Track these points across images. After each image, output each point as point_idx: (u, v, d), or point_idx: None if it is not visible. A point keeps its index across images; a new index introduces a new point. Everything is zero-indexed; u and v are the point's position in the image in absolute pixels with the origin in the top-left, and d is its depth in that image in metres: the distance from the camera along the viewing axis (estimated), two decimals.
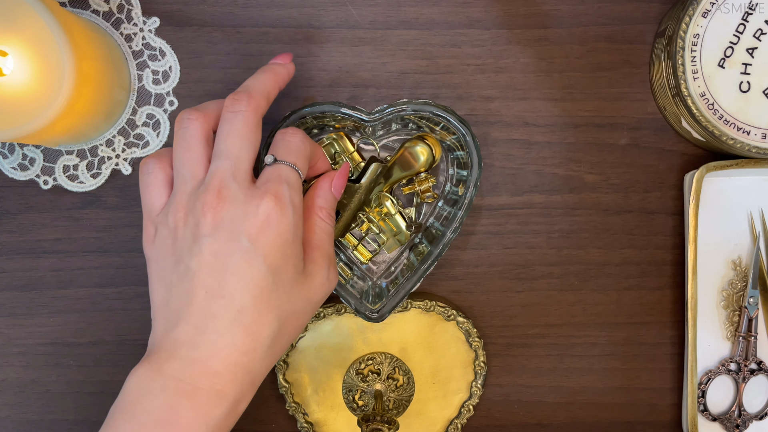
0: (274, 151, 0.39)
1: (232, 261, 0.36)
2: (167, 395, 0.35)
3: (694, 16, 0.43)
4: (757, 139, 0.44)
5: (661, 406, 0.50)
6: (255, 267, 0.36)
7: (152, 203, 0.39)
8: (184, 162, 0.39)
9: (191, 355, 0.36)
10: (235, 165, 0.37)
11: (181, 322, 0.36)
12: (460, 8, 0.48)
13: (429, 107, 0.43)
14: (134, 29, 0.48)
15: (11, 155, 0.48)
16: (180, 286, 0.37)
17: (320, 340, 0.48)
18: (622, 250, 0.49)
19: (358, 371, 0.49)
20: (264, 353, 0.37)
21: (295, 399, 0.49)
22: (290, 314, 0.38)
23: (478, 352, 0.48)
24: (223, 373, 0.36)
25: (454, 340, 0.48)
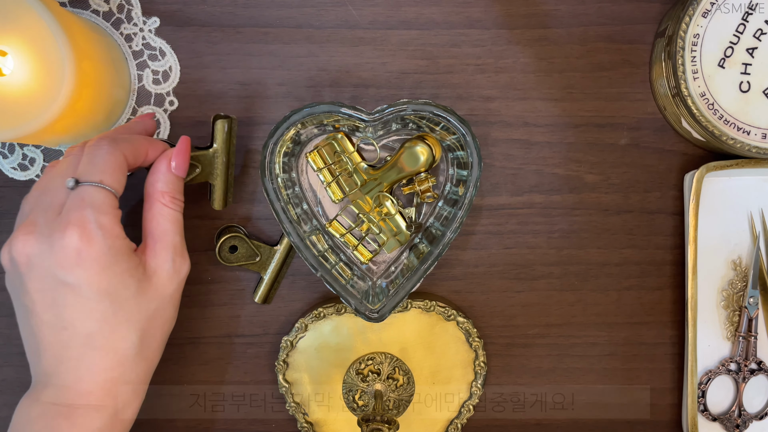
0: (76, 172, 0.37)
1: (58, 295, 0.36)
2: (46, 419, 0.36)
3: (694, 16, 0.43)
4: (757, 139, 0.44)
5: (661, 406, 0.50)
6: (83, 296, 0.36)
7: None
8: (26, 200, 0.39)
9: (59, 382, 0.37)
10: (48, 200, 0.37)
11: (42, 356, 0.37)
12: (460, 8, 0.48)
13: (429, 107, 0.43)
14: (134, 29, 0.48)
15: (11, 155, 0.48)
16: (27, 323, 0.38)
17: (320, 340, 0.48)
18: (622, 250, 0.49)
19: (358, 371, 0.48)
20: (133, 361, 0.38)
21: (295, 399, 0.49)
22: (146, 319, 0.38)
23: (478, 352, 0.48)
24: (95, 391, 0.37)
25: (454, 340, 0.48)
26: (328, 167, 0.46)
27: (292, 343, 0.48)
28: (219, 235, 0.48)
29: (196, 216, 0.48)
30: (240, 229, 0.48)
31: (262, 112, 0.48)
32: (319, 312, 0.48)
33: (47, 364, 0.37)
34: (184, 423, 0.50)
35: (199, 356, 0.49)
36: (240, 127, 0.48)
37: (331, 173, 0.46)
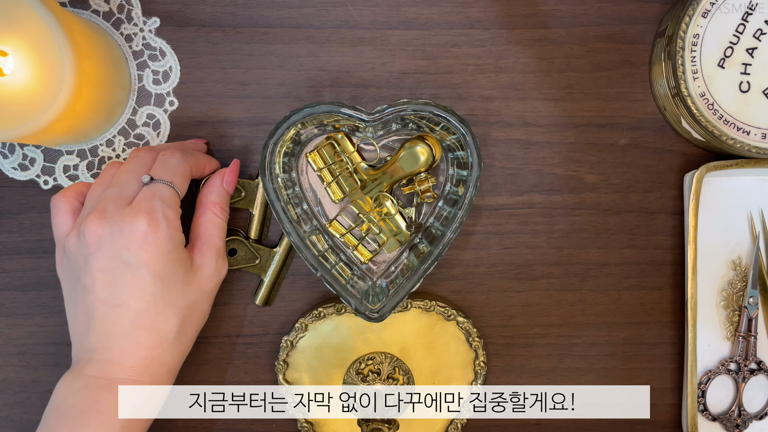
0: (153, 172, 0.43)
1: (118, 274, 0.40)
2: (88, 390, 0.40)
3: (694, 17, 0.43)
4: (757, 139, 0.44)
5: (661, 406, 0.50)
6: (141, 276, 0.41)
7: (59, 229, 0.43)
8: (91, 194, 0.43)
9: (105, 357, 0.41)
10: (119, 192, 0.42)
11: (90, 333, 0.41)
12: (460, 8, 0.48)
13: (429, 107, 0.43)
14: (134, 29, 0.48)
15: (11, 155, 0.48)
16: (82, 302, 0.41)
17: (320, 340, 0.48)
18: (621, 250, 0.49)
19: (358, 371, 0.48)
20: (171, 344, 0.42)
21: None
22: (187, 307, 0.42)
23: (478, 352, 0.48)
24: (135, 367, 0.41)
25: (454, 340, 0.48)
26: (328, 167, 0.46)
27: (292, 342, 0.48)
28: None
29: None
30: (239, 232, 0.48)
31: (262, 112, 0.48)
32: (319, 312, 0.48)
33: (95, 339, 0.41)
34: (185, 423, 0.50)
35: (199, 356, 0.49)
36: (240, 127, 0.48)
37: (331, 173, 0.46)
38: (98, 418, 0.39)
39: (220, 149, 0.48)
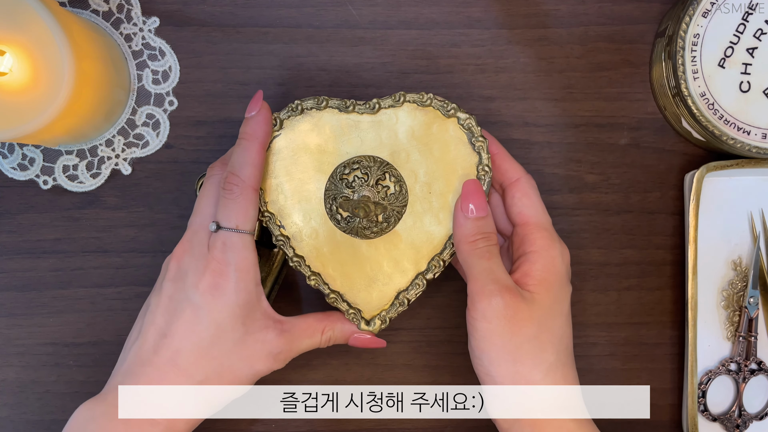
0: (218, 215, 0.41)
1: (180, 308, 0.40)
2: (106, 420, 0.39)
3: (695, 16, 0.43)
4: (758, 139, 0.44)
5: (662, 406, 0.50)
6: (200, 319, 0.40)
7: (197, 215, 0.42)
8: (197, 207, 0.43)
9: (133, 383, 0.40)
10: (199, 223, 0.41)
11: (131, 351, 0.41)
12: (460, 8, 0.48)
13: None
14: (134, 29, 0.47)
15: (11, 155, 0.48)
16: (142, 318, 0.42)
17: (298, 141, 0.43)
18: (622, 250, 0.49)
19: (342, 176, 0.43)
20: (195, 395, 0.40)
21: (269, 209, 0.43)
22: (227, 368, 0.41)
23: (482, 155, 0.42)
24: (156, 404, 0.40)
25: (453, 141, 0.43)
26: None
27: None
28: None
29: None
30: None
31: None
32: (296, 105, 0.43)
33: (132, 361, 0.41)
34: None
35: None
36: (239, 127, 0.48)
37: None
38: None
39: (219, 149, 0.48)
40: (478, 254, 0.40)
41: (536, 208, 0.42)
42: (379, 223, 0.43)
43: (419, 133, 0.43)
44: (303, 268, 0.44)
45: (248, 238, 0.41)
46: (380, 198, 0.43)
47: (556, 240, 0.42)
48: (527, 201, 0.42)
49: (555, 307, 0.41)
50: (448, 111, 0.42)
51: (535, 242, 0.41)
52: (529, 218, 0.42)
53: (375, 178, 0.43)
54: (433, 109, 0.43)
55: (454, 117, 0.42)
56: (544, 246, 0.41)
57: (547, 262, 0.41)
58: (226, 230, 0.40)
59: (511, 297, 0.39)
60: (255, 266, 0.41)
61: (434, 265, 0.43)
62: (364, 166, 0.43)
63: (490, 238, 0.41)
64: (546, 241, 0.41)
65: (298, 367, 0.49)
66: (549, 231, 0.42)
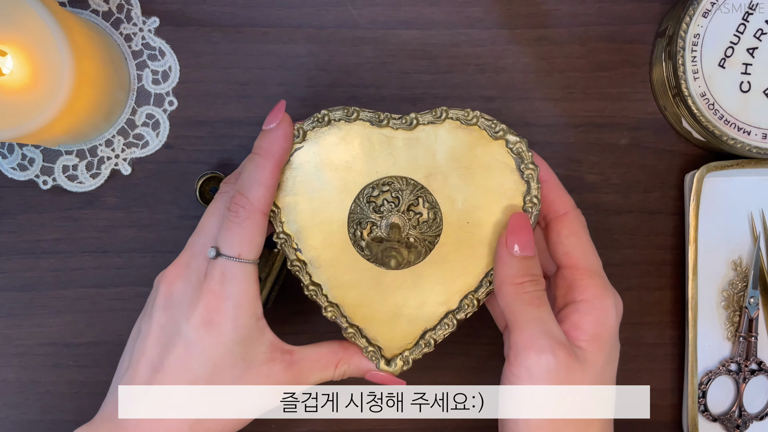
0: (219, 239, 0.37)
1: (172, 342, 0.37)
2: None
3: (695, 16, 0.43)
4: (758, 139, 0.44)
5: (662, 406, 0.50)
6: (193, 357, 0.37)
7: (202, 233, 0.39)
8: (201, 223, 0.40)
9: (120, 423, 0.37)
10: (202, 244, 0.38)
11: (123, 381, 0.38)
12: (460, 8, 0.48)
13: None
14: (134, 29, 0.47)
15: (10, 155, 0.48)
16: (135, 342, 0.39)
17: (322, 155, 0.38)
18: (622, 251, 0.49)
19: (369, 199, 0.39)
20: (190, 428, 0.37)
21: (285, 229, 0.39)
22: (227, 406, 0.37)
23: (531, 184, 0.38)
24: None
25: (499, 167, 0.38)
26: None
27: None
28: None
29: (195, 216, 0.48)
30: None
31: (262, 112, 0.48)
32: (323, 116, 0.38)
33: (124, 393, 0.38)
34: None
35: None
36: (240, 127, 0.48)
37: None
38: None
39: (219, 149, 0.48)
40: (527, 299, 0.35)
41: (586, 250, 0.38)
42: (410, 253, 0.39)
43: (460, 154, 0.38)
44: (319, 297, 0.40)
45: (251, 268, 0.37)
46: (411, 225, 0.39)
47: (609, 289, 0.37)
48: (576, 240, 0.38)
49: (607, 369, 0.36)
50: (496, 132, 0.38)
51: (587, 290, 0.37)
52: (579, 261, 0.38)
53: (407, 203, 0.38)
54: (479, 129, 0.38)
55: (502, 139, 0.38)
56: (597, 295, 0.37)
57: (600, 315, 0.36)
58: (227, 258, 0.36)
59: (565, 355, 0.34)
60: (256, 299, 0.37)
61: (467, 304, 0.39)
62: (395, 188, 0.38)
63: (538, 282, 0.36)
64: (599, 289, 0.37)
65: None
66: (602, 278, 0.38)
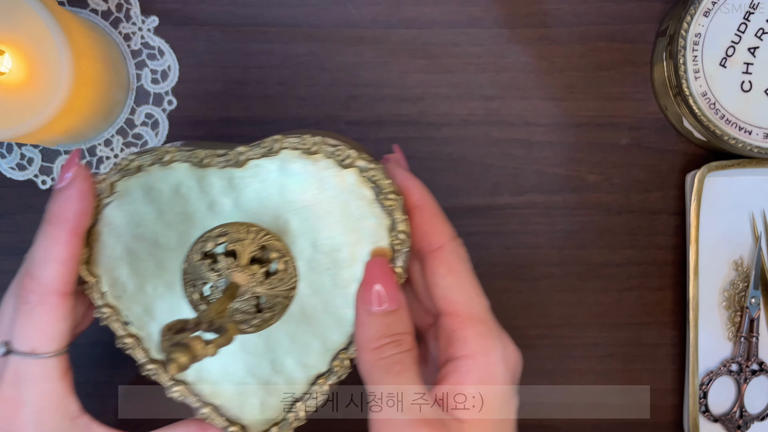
0: (11, 330, 0.30)
1: None
2: None
3: (696, 16, 0.43)
4: (759, 139, 0.44)
5: (663, 407, 0.50)
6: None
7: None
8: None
9: None
10: (2, 349, 0.31)
11: None
12: (461, 7, 0.48)
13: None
14: (133, 28, 0.47)
15: (9, 155, 0.48)
16: None
17: (137, 208, 0.32)
18: (623, 251, 0.49)
19: (205, 254, 0.31)
20: None
21: (109, 301, 0.32)
22: None
23: (395, 217, 0.30)
24: None
25: (356, 201, 0.31)
26: None
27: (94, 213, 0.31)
28: None
29: None
30: None
31: (262, 112, 0.48)
32: (129, 163, 0.31)
33: None
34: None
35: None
36: (239, 127, 0.48)
37: None
38: None
39: None
40: (385, 367, 0.29)
41: (466, 290, 0.31)
42: (260, 314, 0.31)
43: (308, 189, 0.31)
44: (161, 376, 0.33)
45: (53, 362, 0.30)
46: (257, 282, 0.31)
47: (495, 339, 0.31)
48: (453, 280, 0.31)
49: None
50: (344, 161, 0.30)
51: (468, 343, 0.30)
52: (458, 306, 0.31)
53: (248, 255, 0.31)
54: (324, 158, 0.30)
55: (354, 168, 0.30)
56: (481, 349, 0.30)
57: (484, 374, 0.30)
58: (20, 356, 0.30)
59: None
60: (67, 396, 0.31)
61: (337, 366, 0.33)
62: (232, 238, 0.31)
63: (401, 343, 0.29)
64: (482, 340, 0.30)
65: None
66: (486, 324, 0.31)
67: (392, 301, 0.29)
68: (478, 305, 0.31)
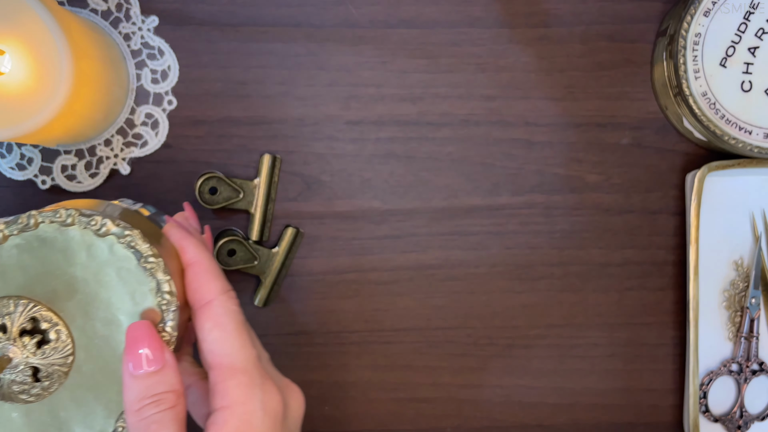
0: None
1: None
2: None
3: (696, 15, 0.43)
4: (759, 139, 0.44)
5: (663, 407, 0.50)
6: None
7: None
8: None
9: None
10: None
11: None
12: (461, 7, 0.48)
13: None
14: (133, 28, 0.47)
15: (9, 155, 0.48)
16: None
17: None
18: (623, 251, 0.49)
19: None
20: None
21: None
22: None
23: (159, 278, 0.32)
24: None
25: (117, 266, 0.32)
26: None
27: None
28: (217, 238, 0.48)
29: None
30: (238, 232, 0.48)
31: (262, 112, 0.48)
32: None
33: None
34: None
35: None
36: (239, 127, 0.48)
37: None
38: None
39: (219, 149, 0.48)
40: (143, 428, 0.30)
41: (231, 343, 0.32)
42: (38, 383, 0.32)
43: (72, 259, 0.32)
44: None
45: None
46: (29, 353, 0.31)
47: (256, 386, 0.31)
48: (219, 334, 0.32)
49: None
50: (99, 230, 0.32)
51: (227, 394, 0.31)
52: (222, 359, 0.31)
53: (18, 328, 0.32)
54: (80, 230, 0.32)
55: (110, 236, 0.32)
56: (239, 398, 0.31)
57: (240, 423, 0.30)
58: None
59: None
60: None
61: (120, 426, 0.32)
62: (1, 313, 0.31)
63: (161, 402, 0.30)
64: (242, 390, 0.31)
65: (298, 368, 0.49)
66: (248, 374, 0.31)
67: (156, 361, 0.30)
68: (242, 356, 0.32)
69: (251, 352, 0.32)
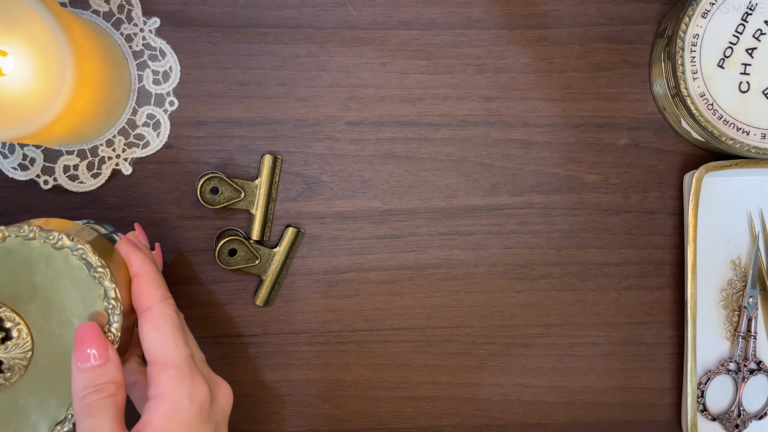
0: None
1: None
2: None
3: (694, 17, 0.43)
4: (757, 139, 0.44)
5: (661, 405, 0.50)
6: None
7: None
8: None
9: None
10: None
11: None
12: (460, 8, 0.48)
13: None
14: (134, 29, 0.48)
15: (11, 155, 0.48)
16: None
17: None
18: (621, 250, 0.49)
19: None
20: None
21: None
22: None
23: (105, 285, 0.37)
24: None
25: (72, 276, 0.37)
26: None
27: None
28: (218, 238, 0.48)
29: (196, 216, 0.48)
30: (239, 232, 0.48)
31: (262, 113, 0.48)
32: None
33: None
34: None
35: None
36: (240, 127, 0.48)
37: None
38: None
39: (219, 149, 0.48)
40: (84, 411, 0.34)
41: (166, 342, 0.36)
42: (1, 374, 0.37)
43: (34, 269, 0.37)
44: None
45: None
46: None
47: (185, 380, 0.36)
48: (156, 335, 0.36)
49: None
50: (56, 244, 0.37)
51: (159, 385, 0.35)
52: (157, 355, 0.36)
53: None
54: (40, 243, 0.37)
55: (65, 249, 0.37)
56: (169, 389, 0.35)
57: (170, 409, 0.35)
58: None
59: None
60: None
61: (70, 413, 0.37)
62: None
63: (103, 390, 0.34)
64: (172, 382, 0.35)
65: (298, 367, 0.49)
66: (179, 369, 0.36)
67: (100, 357, 0.35)
68: (175, 354, 0.36)
69: (184, 351, 0.37)
